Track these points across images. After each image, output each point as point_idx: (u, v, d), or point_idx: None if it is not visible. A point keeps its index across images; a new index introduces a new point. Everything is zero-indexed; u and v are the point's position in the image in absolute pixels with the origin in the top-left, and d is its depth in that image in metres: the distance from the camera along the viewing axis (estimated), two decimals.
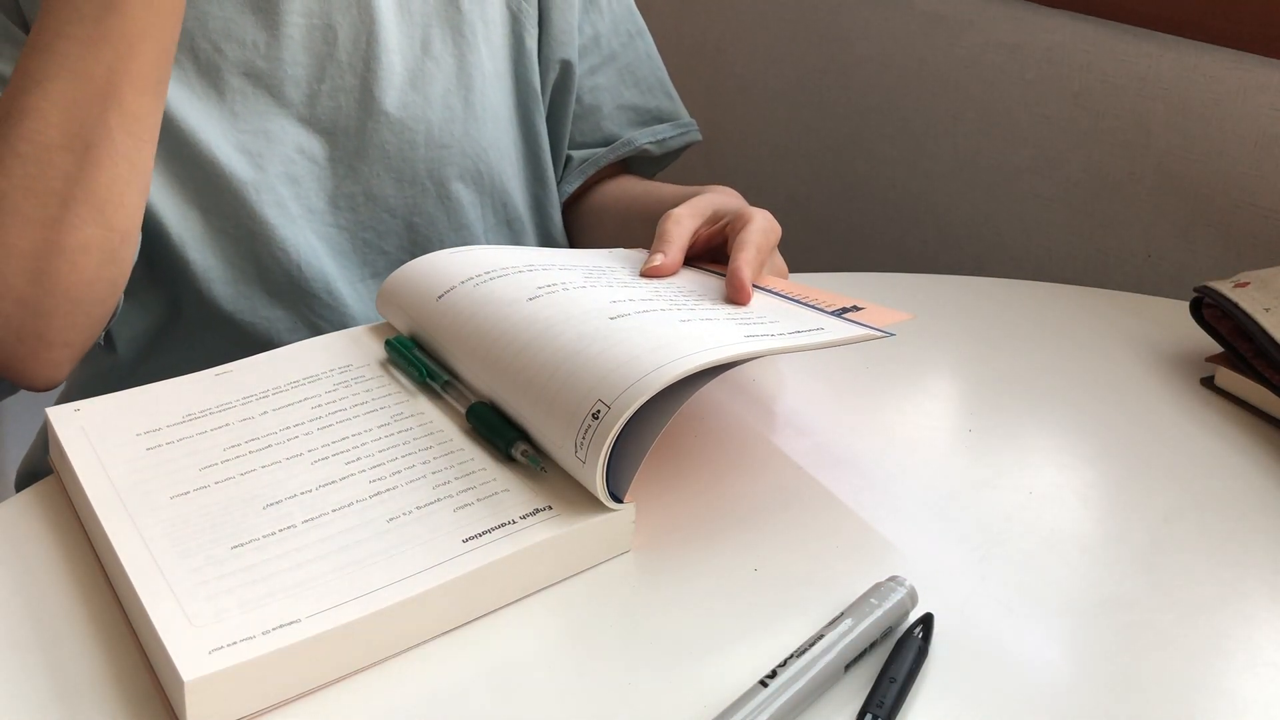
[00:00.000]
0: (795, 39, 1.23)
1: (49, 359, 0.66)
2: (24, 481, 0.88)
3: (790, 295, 0.68)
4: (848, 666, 0.48)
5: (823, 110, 1.22)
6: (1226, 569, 0.55)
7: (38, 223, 0.62)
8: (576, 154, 0.91)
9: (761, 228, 0.69)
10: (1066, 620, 0.53)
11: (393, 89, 0.79)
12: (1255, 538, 0.57)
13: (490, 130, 0.84)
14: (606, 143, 0.91)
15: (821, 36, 1.20)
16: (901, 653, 0.49)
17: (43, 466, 0.86)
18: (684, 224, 0.71)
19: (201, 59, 0.75)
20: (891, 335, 0.62)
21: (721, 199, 0.75)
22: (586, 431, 0.54)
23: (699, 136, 0.95)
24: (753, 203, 0.74)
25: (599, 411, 0.54)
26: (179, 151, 0.75)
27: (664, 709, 0.47)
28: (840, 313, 0.65)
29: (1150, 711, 0.48)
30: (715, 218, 0.73)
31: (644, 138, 0.92)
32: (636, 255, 0.74)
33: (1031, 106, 1.01)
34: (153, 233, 0.76)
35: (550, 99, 0.89)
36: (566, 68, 0.88)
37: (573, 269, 0.69)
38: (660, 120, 0.93)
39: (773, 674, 0.47)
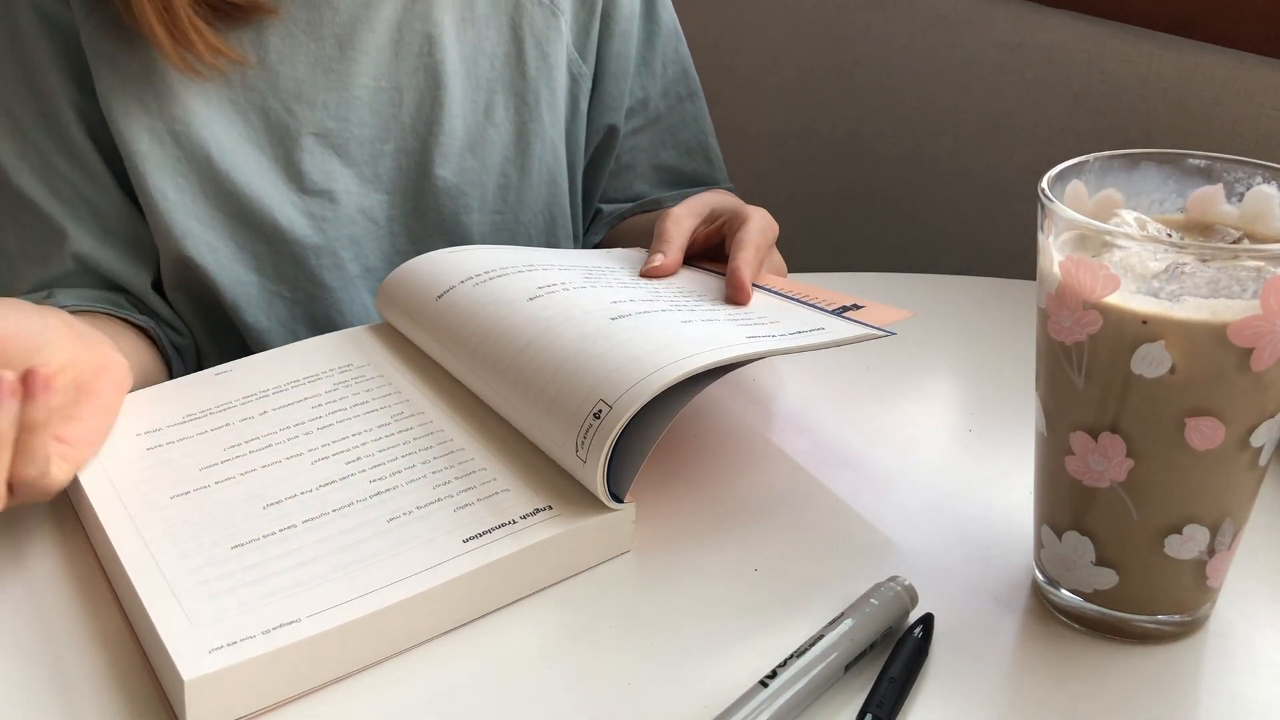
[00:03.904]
0: (795, 39, 1.23)
1: None
2: None
3: (790, 294, 0.68)
4: (848, 666, 0.48)
5: (823, 110, 1.22)
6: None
7: None
8: (606, 208, 0.91)
9: (759, 226, 0.70)
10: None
11: (452, 154, 0.80)
12: (1255, 537, 0.57)
13: (544, 195, 0.84)
14: (636, 199, 0.91)
15: (822, 36, 1.20)
16: (901, 653, 0.49)
17: None
18: (683, 223, 0.72)
19: (272, 119, 0.75)
20: (892, 334, 0.62)
21: (719, 198, 0.76)
22: (587, 431, 0.54)
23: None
24: (753, 203, 0.74)
25: (600, 411, 0.54)
26: (243, 216, 0.75)
27: (664, 709, 0.47)
28: (840, 311, 0.65)
29: (1151, 712, 0.48)
30: (713, 216, 0.73)
31: (672, 200, 0.90)
32: (636, 255, 0.74)
33: (1031, 106, 1.01)
34: (207, 297, 0.77)
35: (590, 157, 0.89)
36: (611, 131, 0.88)
37: (572, 269, 0.69)
38: (694, 184, 0.91)
39: (773, 674, 0.47)
